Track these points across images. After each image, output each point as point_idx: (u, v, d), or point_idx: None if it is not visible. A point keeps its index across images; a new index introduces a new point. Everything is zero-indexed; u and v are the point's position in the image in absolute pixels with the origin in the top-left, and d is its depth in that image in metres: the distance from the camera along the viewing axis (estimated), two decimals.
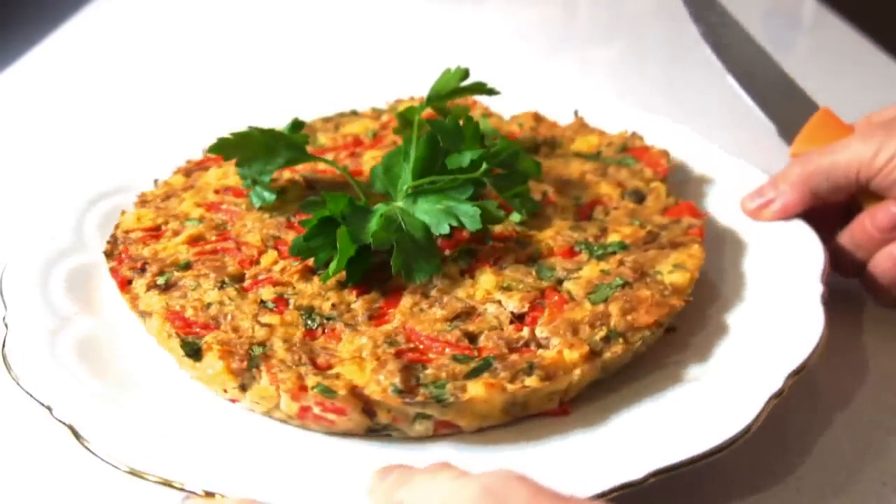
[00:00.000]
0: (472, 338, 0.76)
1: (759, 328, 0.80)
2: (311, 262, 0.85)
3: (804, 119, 0.98)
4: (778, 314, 0.81)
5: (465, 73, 1.01)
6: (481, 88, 1.02)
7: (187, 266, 0.86)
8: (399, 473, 0.58)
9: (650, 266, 0.84)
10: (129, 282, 0.84)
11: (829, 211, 0.94)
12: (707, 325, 0.84)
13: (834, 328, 0.81)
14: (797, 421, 0.80)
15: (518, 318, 0.79)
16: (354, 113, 1.22)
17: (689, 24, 1.04)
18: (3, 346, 0.77)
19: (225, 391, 0.75)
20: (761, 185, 0.96)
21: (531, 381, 0.70)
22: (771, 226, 0.93)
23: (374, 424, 0.71)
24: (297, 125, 0.99)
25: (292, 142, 0.95)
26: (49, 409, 0.70)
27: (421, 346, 0.75)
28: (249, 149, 0.93)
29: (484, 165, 0.89)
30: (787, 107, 0.99)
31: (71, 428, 0.68)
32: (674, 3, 1.08)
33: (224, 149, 0.93)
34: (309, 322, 0.78)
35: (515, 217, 0.92)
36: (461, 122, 0.92)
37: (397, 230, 0.83)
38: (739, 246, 0.93)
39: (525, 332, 0.76)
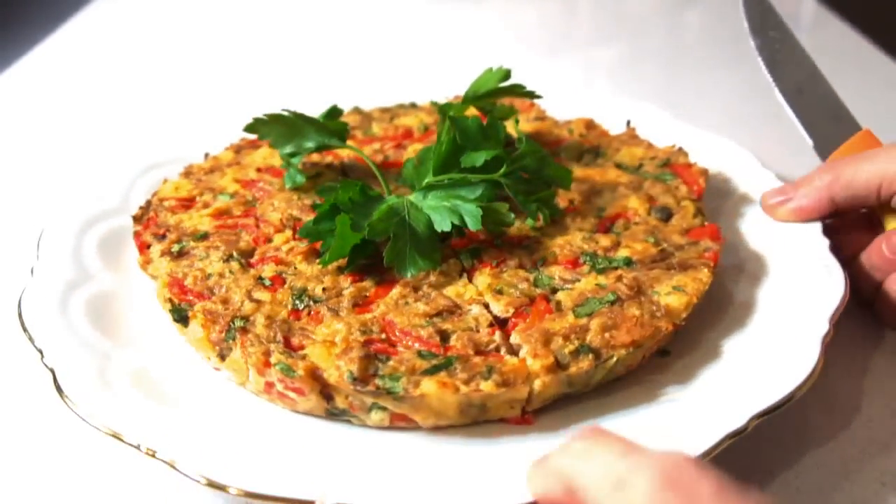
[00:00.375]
0: (446, 336, 0.76)
1: (751, 360, 0.76)
2: (319, 245, 0.87)
3: (843, 139, 0.95)
4: (774, 348, 0.77)
5: (506, 74, 1.01)
6: (520, 91, 1.01)
7: (204, 237, 0.90)
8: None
9: (649, 285, 0.81)
10: (149, 246, 0.90)
11: (857, 232, 0.91)
12: (701, 348, 0.81)
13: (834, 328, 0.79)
14: (797, 421, 0.79)
15: (501, 323, 0.79)
16: (413, 105, 1.24)
17: (689, 25, 1.00)
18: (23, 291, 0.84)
19: (209, 359, 0.78)
20: (784, 185, 0.94)
21: (486, 386, 0.69)
22: (797, 256, 0.88)
23: (332, 408, 0.73)
24: (333, 112, 1.02)
25: (324, 127, 0.98)
26: (40, 352, 0.76)
27: (393, 338, 0.76)
28: (281, 130, 0.97)
29: (504, 167, 0.89)
30: (829, 126, 0.96)
31: (53, 374, 0.73)
32: (674, 2, 1.04)
33: (257, 128, 0.97)
34: (297, 303, 0.80)
35: (529, 222, 0.91)
36: (484, 123, 0.91)
37: (399, 223, 0.84)
38: (760, 273, 0.89)
39: (497, 336, 0.75)
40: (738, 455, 0.73)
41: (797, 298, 0.83)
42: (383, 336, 0.76)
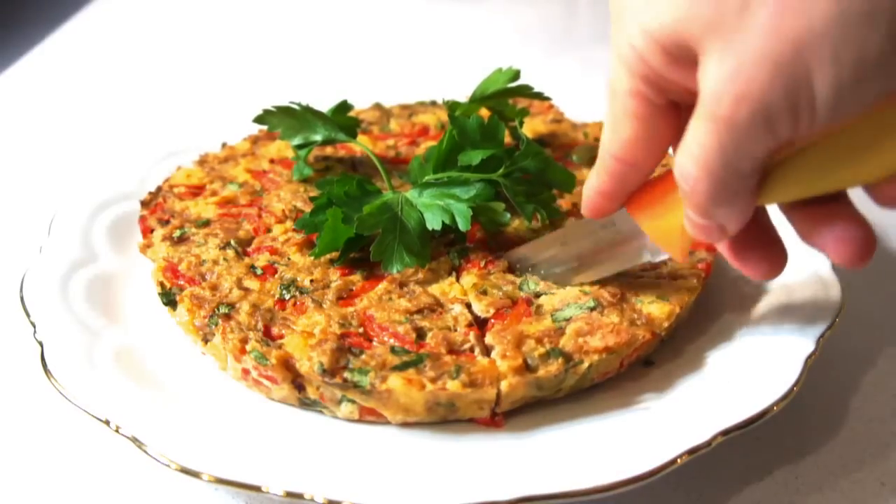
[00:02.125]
0: (422, 333, 0.76)
1: (732, 374, 0.75)
2: (315, 237, 0.89)
3: None
4: (756, 364, 0.75)
5: (515, 75, 1.01)
6: (527, 91, 1.00)
7: (206, 224, 0.92)
8: None
9: (634, 293, 0.80)
10: (153, 231, 0.92)
11: None
12: (684, 358, 0.80)
13: (833, 329, 0.79)
14: (796, 421, 0.79)
15: (482, 323, 0.79)
16: (434, 103, 1.25)
17: None
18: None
19: (196, 344, 0.80)
20: None
21: (452, 385, 0.70)
22: (797, 270, 0.86)
23: (304, 398, 0.74)
24: (343, 107, 1.03)
25: (332, 121, 0.99)
26: (34, 326, 0.79)
27: (370, 333, 0.77)
28: (289, 122, 0.98)
29: (503, 168, 0.89)
30: None
31: (41, 348, 0.76)
32: None
33: (266, 119, 0.99)
34: (284, 293, 0.82)
35: (526, 223, 0.91)
36: (485, 123, 0.91)
37: (390, 219, 0.84)
38: (758, 285, 0.87)
39: (471, 336, 0.75)
40: (739, 455, 0.74)
41: (790, 314, 0.81)
42: (361, 330, 0.77)
